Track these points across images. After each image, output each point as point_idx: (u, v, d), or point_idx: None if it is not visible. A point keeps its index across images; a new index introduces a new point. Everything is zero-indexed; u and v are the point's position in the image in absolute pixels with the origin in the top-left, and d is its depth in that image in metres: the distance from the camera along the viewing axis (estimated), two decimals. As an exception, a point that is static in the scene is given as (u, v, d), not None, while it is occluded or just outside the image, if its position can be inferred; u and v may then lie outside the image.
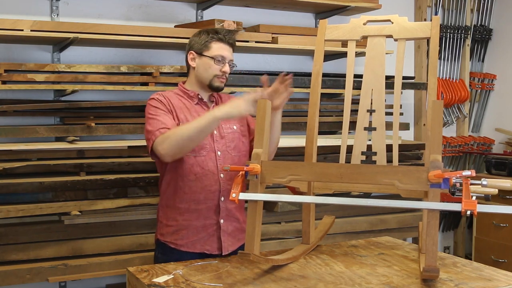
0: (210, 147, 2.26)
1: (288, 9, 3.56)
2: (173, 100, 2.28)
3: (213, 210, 2.27)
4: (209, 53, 2.27)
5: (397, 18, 2.23)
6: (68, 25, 2.75)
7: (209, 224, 2.27)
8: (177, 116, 2.24)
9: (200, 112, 2.27)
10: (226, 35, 2.30)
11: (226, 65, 2.28)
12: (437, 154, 1.77)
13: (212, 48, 2.27)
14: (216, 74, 2.27)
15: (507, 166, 4.00)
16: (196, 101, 2.31)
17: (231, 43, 2.31)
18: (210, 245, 2.27)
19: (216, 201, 2.26)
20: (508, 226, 3.92)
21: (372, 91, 2.22)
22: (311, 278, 1.85)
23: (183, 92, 2.33)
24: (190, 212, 2.26)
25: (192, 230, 2.26)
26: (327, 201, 1.93)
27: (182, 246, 2.26)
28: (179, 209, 2.27)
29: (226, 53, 2.28)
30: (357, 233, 3.36)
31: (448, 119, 4.41)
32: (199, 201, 2.25)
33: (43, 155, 2.75)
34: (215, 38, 2.28)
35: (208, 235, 2.27)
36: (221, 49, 2.28)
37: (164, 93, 2.31)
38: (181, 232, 2.27)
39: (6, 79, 2.63)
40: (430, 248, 1.73)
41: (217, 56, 2.26)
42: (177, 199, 2.27)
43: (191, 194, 2.25)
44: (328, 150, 3.21)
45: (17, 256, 2.62)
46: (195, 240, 2.26)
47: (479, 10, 4.46)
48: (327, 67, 3.51)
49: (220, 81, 2.29)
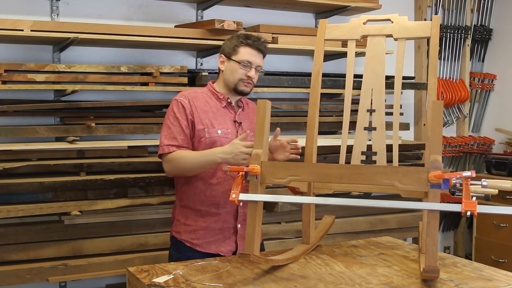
0: None
1: (288, 9, 3.56)
2: (199, 102, 2.30)
3: (232, 214, 2.31)
4: (236, 58, 2.29)
5: (397, 17, 2.23)
6: (68, 25, 2.75)
7: (227, 228, 2.31)
8: (200, 121, 2.27)
9: (227, 116, 2.31)
10: (256, 41, 2.32)
11: (252, 70, 2.30)
12: (437, 154, 1.77)
13: (240, 52, 2.30)
14: (241, 78, 2.29)
15: (507, 166, 4.00)
16: (224, 104, 2.34)
17: (260, 49, 2.32)
18: (225, 247, 2.31)
19: (235, 206, 2.30)
20: (508, 226, 3.92)
21: (372, 91, 2.22)
22: (311, 278, 1.85)
23: (212, 93, 2.35)
24: (209, 215, 2.30)
25: (210, 232, 2.30)
26: (327, 202, 1.93)
27: (198, 246, 2.30)
28: (199, 211, 2.31)
29: (253, 59, 2.30)
30: (357, 233, 3.36)
31: (448, 119, 4.41)
32: (219, 205, 2.29)
33: (43, 155, 2.75)
34: (244, 43, 2.30)
35: (224, 238, 2.31)
36: (249, 54, 2.29)
37: (190, 95, 2.32)
38: (198, 232, 2.31)
39: (6, 79, 2.63)
40: (430, 248, 1.73)
41: (244, 61, 2.29)
42: (198, 201, 2.30)
43: (212, 198, 2.28)
44: (328, 150, 3.21)
45: (17, 256, 2.62)
46: (211, 241, 2.30)
47: (479, 10, 4.46)
48: (327, 67, 3.51)
49: (245, 85, 2.31)
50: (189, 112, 2.27)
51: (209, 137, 2.25)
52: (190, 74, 3.07)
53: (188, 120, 2.26)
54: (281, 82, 3.28)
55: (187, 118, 2.26)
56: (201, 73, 3.04)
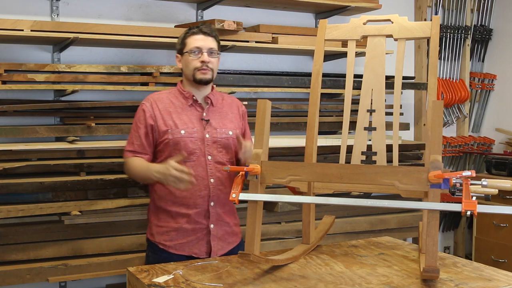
0: (201, 151, 2.25)
1: (288, 9, 3.56)
2: (162, 104, 2.28)
3: (203, 215, 2.27)
4: (186, 49, 2.28)
5: (397, 17, 2.23)
6: (68, 25, 2.75)
7: (199, 229, 2.27)
8: (164, 123, 2.25)
9: (193, 115, 2.27)
10: (199, 26, 2.30)
11: (204, 54, 2.25)
12: (437, 154, 1.77)
13: (187, 43, 2.29)
14: (196, 66, 2.25)
15: (507, 166, 4.00)
16: (190, 102, 2.30)
17: (205, 31, 2.28)
18: (198, 249, 2.27)
19: (206, 206, 2.26)
20: (508, 226, 3.92)
21: (372, 91, 2.22)
22: (311, 278, 1.85)
23: (179, 92, 2.33)
24: (181, 216, 2.26)
25: (182, 233, 2.27)
26: (327, 201, 1.93)
27: (171, 247, 2.27)
28: (170, 212, 2.28)
29: (201, 43, 2.26)
30: (357, 233, 3.36)
31: (448, 119, 4.41)
32: (189, 206, 2.25)
33: (43, 155, 2.74)
34: (189, 33, 2.29)
35: (197, 239, 2.27)
36: (195, 41, 2.27)
37: (154, 97, 2.31)
38: (170, 234, 2.27)
39: (6, 79, 2.63)
40: (430, 248, 1.73)
41: (192, 49, 2.26)
42: (168, 203, 2.28)
43: (181, 199, 2.25)
44: (328, 150, 3.21)
45: (17, 256, 2.62)
46: (184, 243, 2.26)
47: (479, 10, 4.46)
48: (327, 67, 3.51)
49: (202, 73, 2.26)
50: (150, 116, 2.25)
51: (173, 138, 2.22)
52: (190, 74, 3.07)
53: (147, 125, 2.25)
54: (281, 82, 3.28)
55: (146, 124, 2.25)
56: (201, 73, 3.04)
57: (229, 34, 3.07)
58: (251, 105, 3.21)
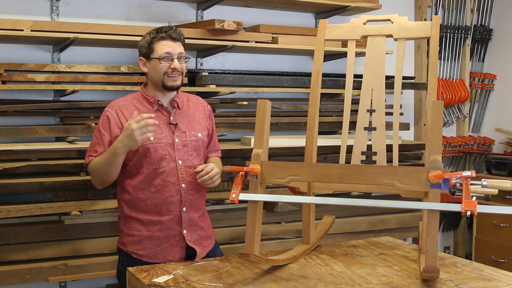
0: (170, 157, 2.20)
1: (288, 9, 3.56)
2: (127, 111, 2.20)
3: (176, 221, 2.22)
4: (155, 55, 2.19)
5: (397, 17, 2.23)
6: (68, 25, 2.75)
7: (172, 235, 2.22)
8: None
9: (160, 120, 2.19)
10: (167, 31, 2.22)
11: (174, 61, 2.20)
12: (437, 154, 1.77)
13: (156, 48, 2.20)
14: (166, 72, 2.19)
15: (507, 166, 4.00)
16: (156, 107, 2.23)
17: (174, 37, 2.21)
18: (172, 256, 2.22)
19: (178, 212, 2.21)
20: (508, 226, 3.92)
21: (372, 91, 2.22)
22: (311, 278, 1.85)
23: (144, 97, 2.25)
24: (153, 224, 2.21)
25: (155, 241, 2.22)
26: (327, 202, 1.93)
27: (144, 256, 2.21)
28: (141, 220, 2.22)
29: (171, 49, 2.20)
30: (357, 233, 3.36)
31: (448, 119, 4.41)
32: (161, 213, 2.20)
33: (43, 155, 2.74)
34: (157, 38, 2.20)
35: (171, 246, 2.23)
36: (165, 46, 2.19)
37: (119, 104, 2.23)
38: (143, 242, 2.22)
39: (6, 79, 2.63)
40: (430, 248, 1.73)
41: (162, 55, 2.19)
42: (140, 211, 2.21)
43: (153, 207, 2.20)
44: (328, 150, 3.21)
45: (17, 256, 2.62)
46: (157, 250, 2.21)
47: (479, 10, 4.46)
48: (327, 67, 3.51)
49: (173, 80, 2.20)
50: (115, 124, 2.18)
51: (142, 145, 2.12)
52: (190, 74, 3.07)
53: (112, 134, 2.17)
54: (281, 82, 3.28)
55: (110, 132, 2.17)
56: (201, 73, 3.04)
57: (229, 34, 3.07)
58: (251, 105, 3.21)
